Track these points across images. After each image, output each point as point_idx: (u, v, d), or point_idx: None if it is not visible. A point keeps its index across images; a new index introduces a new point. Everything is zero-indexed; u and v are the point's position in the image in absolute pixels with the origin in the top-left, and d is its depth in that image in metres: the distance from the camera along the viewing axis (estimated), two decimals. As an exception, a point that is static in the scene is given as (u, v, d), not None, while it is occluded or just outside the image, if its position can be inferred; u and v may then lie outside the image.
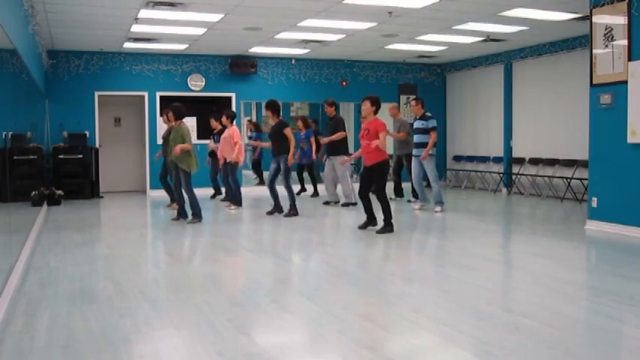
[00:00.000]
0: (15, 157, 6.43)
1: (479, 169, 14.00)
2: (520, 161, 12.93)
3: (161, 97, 13.18)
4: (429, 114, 9.94)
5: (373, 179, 7.74)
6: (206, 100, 13.48)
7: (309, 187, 12.52)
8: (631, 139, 7.40)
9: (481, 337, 3.75)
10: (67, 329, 3.99)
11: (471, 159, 14.45)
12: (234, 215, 9.86)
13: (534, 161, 12.56)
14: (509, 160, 13.27)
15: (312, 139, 11.99)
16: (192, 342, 3.76)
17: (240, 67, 13.43)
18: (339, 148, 10.43)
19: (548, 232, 8.22)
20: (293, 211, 9.36)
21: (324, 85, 14.19)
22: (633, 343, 3.82)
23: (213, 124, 11.47)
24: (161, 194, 12.50)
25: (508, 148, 13.33)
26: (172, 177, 9.16)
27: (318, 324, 4.14)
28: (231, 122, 10.19)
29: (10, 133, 6.11)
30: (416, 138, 9.99)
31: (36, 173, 9.09)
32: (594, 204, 8.01)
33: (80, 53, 12.59)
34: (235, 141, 9.97)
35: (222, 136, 10.18)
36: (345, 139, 10.53)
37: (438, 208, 9.91)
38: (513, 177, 13.06)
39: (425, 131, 9.79)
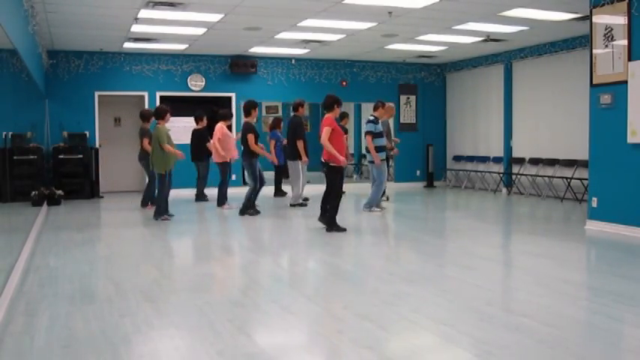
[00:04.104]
0: (15, 157, 6.43)
1: (479, 169, 14.00)
2: (520, 161, 12.93)
3: (161, 97, 13.18)
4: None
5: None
6: (206, 100, 13.48)
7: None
8: (631, 139, 7.40)
9: (481, 337, 3.75)
10: (67, 329, 3.99)
11: (471, 159, 14.45)
12: (234, 215, 9.84)
13: (534, 161, 12.56)
14: (509, 160, 13.27)
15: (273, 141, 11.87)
16: (192, 342, 3.76)
17: (240, 67, 13.43)
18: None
19: (548, 232, 8.22)
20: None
21: (324, 85, 14.18)
22: (633, 343, 3.83)
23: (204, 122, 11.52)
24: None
25: (508, 148, 13.33)
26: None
27: (318, 324, 4.14)
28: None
29: (10, 133, 6.12)
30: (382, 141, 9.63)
31: (36, 173, 9.10)
32: (594, 204, 8.01)
33: (80, 53, 12.59)
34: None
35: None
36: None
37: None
38: (513, 177, 13.06)
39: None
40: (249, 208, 9.48)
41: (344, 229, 7.77)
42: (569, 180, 11.21)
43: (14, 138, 6.43)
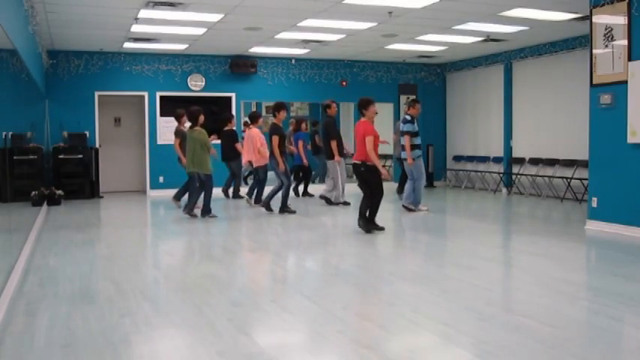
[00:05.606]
0: (15, 157, 6.44)
1: (479, 169, 13.99)
2: (520, 161, 12.93)
3: (161, 97, 13.18)
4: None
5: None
6: (206, 100, 13.47)
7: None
8: (631, 139, 7.40)
9: (481, 337, 3.75)
10: (67, 329, 3.99)
11: (471, 159, 14.44)
12: (234, 215, 9.85)
13: (534, 161, 12.55)
14: (509, 160, 13.26)
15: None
16: (192, 342, 3.76)
17: (240, 67, 13.43)
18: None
19: (548, 232, 8.22)
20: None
21: (324, 85, 14.19)
22: (633, 343, 3.83)
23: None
24: (161, 194, 12.53)
25: (508, 148, 13.32)
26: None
27: (318, 324, 4.14)
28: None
29: (10, 133, 6.12)
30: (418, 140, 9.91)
31: (36, 173, 9.10)
32: (594, 204, 8.00)
33: (80, 53, 12.59)
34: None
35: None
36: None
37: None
38: (513, 177, 13.06)
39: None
40: (286, 206, 9.64)
41: (382, 228, 7.74)
42: (569, 180, 11.21)
43: (14, 138, 6.43)
